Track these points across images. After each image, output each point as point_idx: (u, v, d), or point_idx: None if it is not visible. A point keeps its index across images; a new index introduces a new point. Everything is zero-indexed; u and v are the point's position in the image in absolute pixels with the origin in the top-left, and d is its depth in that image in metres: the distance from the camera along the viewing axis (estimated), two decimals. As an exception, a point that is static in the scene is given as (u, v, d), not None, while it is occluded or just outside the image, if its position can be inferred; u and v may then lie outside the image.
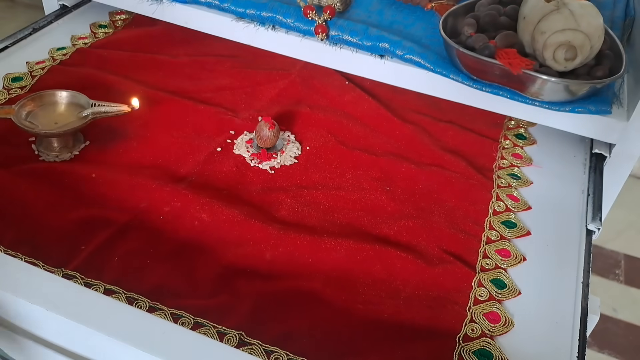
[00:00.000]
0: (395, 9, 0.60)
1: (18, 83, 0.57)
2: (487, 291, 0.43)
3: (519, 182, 0.53)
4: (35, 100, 0.51)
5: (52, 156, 0.49)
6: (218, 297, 0.41)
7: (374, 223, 0.47)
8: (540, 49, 0.49)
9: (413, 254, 0.45)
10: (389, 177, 0.52)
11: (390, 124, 0.58)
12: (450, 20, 0.54)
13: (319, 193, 0.50)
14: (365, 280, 0.43)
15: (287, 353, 0.38)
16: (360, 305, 0.41)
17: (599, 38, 0.49)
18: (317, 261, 0.44)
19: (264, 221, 0.46)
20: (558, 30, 0.48)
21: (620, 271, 1.16)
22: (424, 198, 0.50)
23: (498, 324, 0.41)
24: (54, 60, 0.60)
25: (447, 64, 0.52)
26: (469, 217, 0.49)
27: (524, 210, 0.50)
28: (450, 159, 0.54)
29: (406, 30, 0.57)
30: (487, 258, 0.45)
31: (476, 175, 0.53)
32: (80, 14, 0.68)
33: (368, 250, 0.45)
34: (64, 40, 0.64)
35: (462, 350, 0.39)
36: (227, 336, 0.38)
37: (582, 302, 0.43)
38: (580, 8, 0.48)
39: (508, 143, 0.57)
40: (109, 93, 0.56)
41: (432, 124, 0.59)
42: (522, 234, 0.48)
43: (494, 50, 0.49)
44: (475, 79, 0.51)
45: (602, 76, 0.49)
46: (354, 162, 0.53)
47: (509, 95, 0.51)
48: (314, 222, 0.47)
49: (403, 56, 0.54)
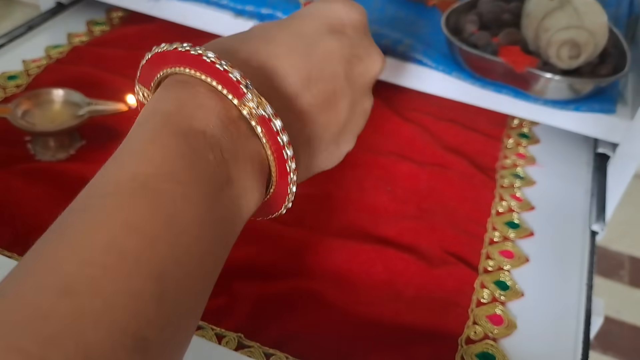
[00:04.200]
0: (397, 6, 0.59)
1: (14, 81, 0.57)
2: (489, 293, 0.42)
3: (522, 181, 0.52)
4: (31, 98, 0.50)
5: (48, 155, 0.49)
6: (216, 299, 0.40)
7: (375, 223, 0.47)
8: (543, 46, 0.48)
9: (415, 255, 0.44)
10: (390, 177, 0.51)
11: (391, 123, 0.58)
12: (452, 17, 0.53)
13: (319, 193, 0.49)
14: (366, 281, 0.42)
15: (286, 355, 0.37)
16: (361, 307, 0.41)
17: (603, 36, 0.48)
18: (317, 262, 0.43)
19: (263, 221, 0.46)
20: (562, 28, 0.47)
21: (624, 272, 1.16)
22: (425, 198, 0.50)
23: (501, 326, 0.40)
24: (50, 59, 0.60)
25: (449, 61, 0.52)
26: (471, 218, 0.48)
27: (528, 211, 0.49)
28: (453, 158, 0.54)
29: (408, 27, 0.56)
30: (490, 259, 0.45)
31: (479, 175, 0.52)
32: (77, 12, 0.68)
33: (369, 251, 0.44)
34: (60, 38, 0.63)
35: (464, 352, 0.38)
36: (225, 338, 0.38)
37: (586, 303, 0.42)
38: (584, 5, 0.48)
39: (511, 142, 0.57)
40: (106, 91, 0.55)
41: (434, 123, 0.58)
42: (525, 234, 0.47)
43: (497, 48, 0.49)
44: (478, 77, 0.51)
45: (606, 74, 0.49)
46: (355, 161, 0.53)
47: (512, 93, 0.50)
48: (314, 222, 0.46)
49: (405, 53, 0.53)
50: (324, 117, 0.30)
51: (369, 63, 0.32)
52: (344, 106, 0.31)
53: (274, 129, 0.26)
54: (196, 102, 0.25)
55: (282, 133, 0.26)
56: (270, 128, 0.26)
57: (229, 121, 0.25)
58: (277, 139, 0.26)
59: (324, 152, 0.32)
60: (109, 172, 0.24)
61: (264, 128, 0.26)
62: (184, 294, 0.22)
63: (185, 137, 0.24)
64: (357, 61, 0.31)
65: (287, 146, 0.26)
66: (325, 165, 0.33)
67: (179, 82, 0.26)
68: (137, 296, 0.20)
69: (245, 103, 0.25)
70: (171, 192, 0.22)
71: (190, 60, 0.26)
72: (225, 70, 0.25)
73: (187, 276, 0.22)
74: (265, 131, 0.26)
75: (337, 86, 0.30)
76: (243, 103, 0.25)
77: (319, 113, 0.30)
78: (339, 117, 0.31)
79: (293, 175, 0.28)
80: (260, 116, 0.26)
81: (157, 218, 0.22)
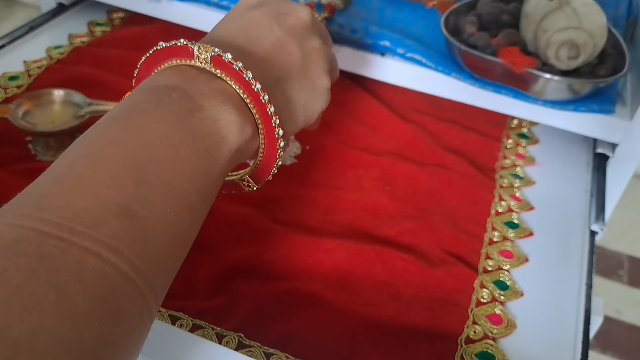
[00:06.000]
0: (397, 7, 0.60)
1: (15, 82, 0.57)
2: (489, 293, 0.42)
3: (522, 182, 0.52)
4: (32, 99, 0.50)
5: (49, 156, 0.49)
6: (217, 299, 0.40)
7: (375, 223, 0.47)
8: (542, 47, 0.48)
9: (414, 255, 0.44)
10: (390, 177, 0.51)
11: (391, 123, 0.58)
12: (452, 18, 0.54)
13: (319, 193, 0.49)
14: (366, 281, 0.42)
15: (287, 355, 0.37)
16: (361, 307, 0.41)
17: (601, 36, 0.48)
18: (317, 262, 0.43)
19: (263, 222, 0.46)
20: (561, 29, 0.47)
21: (623, 272, 1.16)
22: (425, 198, 0.50)
23: (500, 325, 0.40)
24: (51, 59, 0.60)
25: (448, 62, 0.52)
26: (470, 218, 0.48)
27: (527, 211, 0.49)
28: (452, 158, 0.54)
29: (407, 28, 0.57)
30: (490, 259, 0.45)
31: (478, 175, 0.52)
32: (77, 13, 0.68)
33: (369, 251, 0.44)
34: (61, 38, 0.63)
35: (464, 352, 0.39)
36: (226, 338, 0.38)
37: (586, 303, 0.42)
38: (583, 6, 0.48)
39: (510, 142, 0.57)
40: (107, 92, 0.55)
41: (434, 123, 0.58)
42: (524, 234, 0.47)
43: (497, 49, 0.49)
44: (477, 78, 0.51)
45: (605, 75, 0.49)
46: (355, 161, 0.53)
47: (512, 94, 0.50)
48: (314, 222, 0.47)
49: (404, 54, 0.53)
50: (281, 59, 0.35)
51: (296, 15, 0.37)
52: (294, 48, 0.35)
53: (235, 68, 0.30)
54: (158, 73, 0.31)
55: (245, 70, 0.30)
56: (231, 68, 0.30)
57: (189, 75, 0.30)
58: (243, 76, 0.30)
59: (300, 88, 0.35)
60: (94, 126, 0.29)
61: (224, 69, 0.30)
62: (162, 183, 0.26)
63: (149, 89, 0.30)
64: (285, 17, 0.36)
65: (253, 81, 0.30)
66: (312, 99, 0.36)
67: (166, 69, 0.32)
68: (115, 178, 0.25)
69: (197, 56, 0.30)
70: (138, 118, 0.28)
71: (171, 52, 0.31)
72: (174, 43, 0.31)
73: (162, 168, 0.26)
74: (226, 72, 0.31)
75: (278, 36, 0.35)
76: (196, 57, 0.30)
77: (274, 58, 0.34)
78: (294, 56, 0.35)
79: (276, 119, 0.32)
80: (213, 58, 0.30)
81: (128, 133, 0.27)
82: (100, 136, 0.27)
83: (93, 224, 0.23)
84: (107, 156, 0.26)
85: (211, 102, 0.29)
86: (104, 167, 0.25)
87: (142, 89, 0.30)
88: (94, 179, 0.25)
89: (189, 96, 0.29)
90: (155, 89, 0.29)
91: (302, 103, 0.36)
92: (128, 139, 0.26)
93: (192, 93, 0.29)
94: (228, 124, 0.30)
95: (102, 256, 0.23)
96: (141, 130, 0.27)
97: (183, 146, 0.27)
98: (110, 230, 0.23)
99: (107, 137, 0.27)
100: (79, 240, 0.22)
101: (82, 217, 0.23)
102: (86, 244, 0.22)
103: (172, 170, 0.27)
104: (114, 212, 0.24)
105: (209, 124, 0.29)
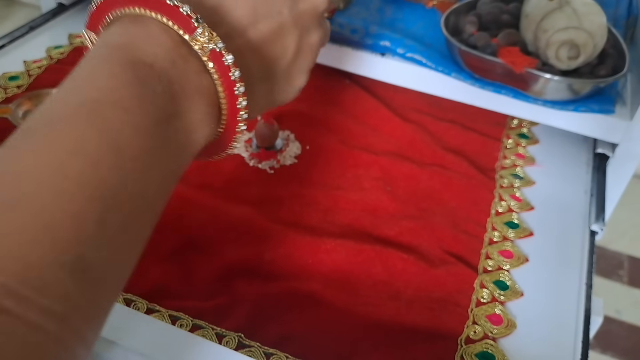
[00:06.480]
0: (397, 7, 0.60)
1: (15, 82, 0.57)
2: (489, 293, 0.42)
3: (522, 182, 0.52)
4: (32, 99, 0.50)
5: (49, 156, 0.49)
6: (217, 299, 0.40)
7: (375, 223, 0.47)
8: (542, 47, 0.48)
9: (414, 255, 0.44)
10: (390, 177, 0.51)
11: (391, 123, 0.58)
12: (452, 18, 0.54)
13: (319, 193, 0.49)
14: (366, 281, 0.42)
15: (287, 355, 0.37)
16: (361, 307, 0.41)
17: (601, 36, 0.48)
18: (317, 262, 0.43)
19: (263, 221, 0.46)
20: (561, 29, 0.47)
21: (623, 272, 1.16)
22: (425, 198, 0.50)
23: (500, 325, 0.40)
24: (51, 59, 0.60)
25: (448, 62, 0.52)
26: (470, 218, 0.48)
27: (527, 211, 0.49)
28: (452, 158, 0.54)
29: (407, 28, 0.56)
30: (490, 259, 0.45)
31: (478, 175, 0.52)
32: (78, 12, 0.68)
33: (368, 251, 0.44)
34: (61, 38, 0.63)
35: (464, 352, 0.39)
36: (225, 338, 0.38)
37: (586, 303, 0.42)
38: (583, 6, 0.48)
39: (510, 142, 0.57)
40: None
41: (434, 123, 0.58)
42: (524, 234, 0.47)
43: (497, 49, 0.49)
44: (478, 78, 0.51)
45: (605, 75, 0.49)
46: (354, 161, 0.53)
47: (512, 94, 0.50)
48: (314, 222, 0.47)
49: (404, 54, 0.53)
50: (272, 51, 0.31)
51: (312, 1, 0.33)
52: (291, 42, 0.32)
53: (225, 63, 0.27)
54: (145, 36, 0.26)
55: (234, 68, 0.27)
56: (222, 63, 0.27)
57: (179, 56, 0.26)
58: (229, 74, 0.27)
59: (276, 91, 0.33)
60: (58, 98, 0.24)
61: (216, 64, 0.27)
62: (126, 218, 0.23)
63: (132, 67, 0.24)
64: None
65: (238, 82, 0.27)
66: (280, 101, 0.34)
67: (130, 19, 0.26)
68: (78, 216, 0.21)
69: (196, 38, 0.26)
70: (117, 119, 0.23)
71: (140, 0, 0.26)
72: (175, 6, 0.25)
73: (130, 200, 0.23)
74: (217, 67, 0.27)
75: (282, 22, 0.31)
76: (194, 38, 0.26)
77: (266, 48, 0.31)
78: (287, 52, 0.32)
79: (244, 113, 0.28)
80: (211, 50, 0.26)
81: (102, 143, 0.22)
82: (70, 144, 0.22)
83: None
84: (73, 178, 0.21)
85: (191, 107, 0.26)
86: (67, 198, 0.21)
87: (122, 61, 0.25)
88: (54, 217, 0.21)
89: (171, 94, 0.25)
90: (137, 69, 0.25)
91: (272, 102, 0.33)
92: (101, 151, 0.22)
93: (176, 89, 0.26)
94: (203, 133, 0.27)
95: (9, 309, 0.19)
96: (117, 140, 0.23)
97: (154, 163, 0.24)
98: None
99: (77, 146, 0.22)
100: None
101: (31, 271, 0.19)
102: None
103: (137, 202, 0.24)
104: (67, 265, 0.20)
105: (184, 136, 0.26)
